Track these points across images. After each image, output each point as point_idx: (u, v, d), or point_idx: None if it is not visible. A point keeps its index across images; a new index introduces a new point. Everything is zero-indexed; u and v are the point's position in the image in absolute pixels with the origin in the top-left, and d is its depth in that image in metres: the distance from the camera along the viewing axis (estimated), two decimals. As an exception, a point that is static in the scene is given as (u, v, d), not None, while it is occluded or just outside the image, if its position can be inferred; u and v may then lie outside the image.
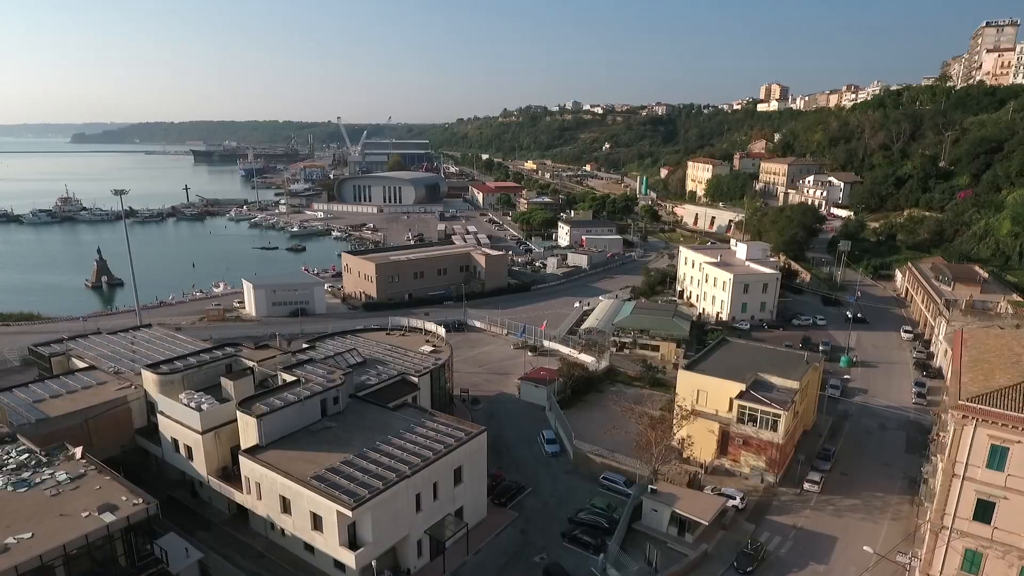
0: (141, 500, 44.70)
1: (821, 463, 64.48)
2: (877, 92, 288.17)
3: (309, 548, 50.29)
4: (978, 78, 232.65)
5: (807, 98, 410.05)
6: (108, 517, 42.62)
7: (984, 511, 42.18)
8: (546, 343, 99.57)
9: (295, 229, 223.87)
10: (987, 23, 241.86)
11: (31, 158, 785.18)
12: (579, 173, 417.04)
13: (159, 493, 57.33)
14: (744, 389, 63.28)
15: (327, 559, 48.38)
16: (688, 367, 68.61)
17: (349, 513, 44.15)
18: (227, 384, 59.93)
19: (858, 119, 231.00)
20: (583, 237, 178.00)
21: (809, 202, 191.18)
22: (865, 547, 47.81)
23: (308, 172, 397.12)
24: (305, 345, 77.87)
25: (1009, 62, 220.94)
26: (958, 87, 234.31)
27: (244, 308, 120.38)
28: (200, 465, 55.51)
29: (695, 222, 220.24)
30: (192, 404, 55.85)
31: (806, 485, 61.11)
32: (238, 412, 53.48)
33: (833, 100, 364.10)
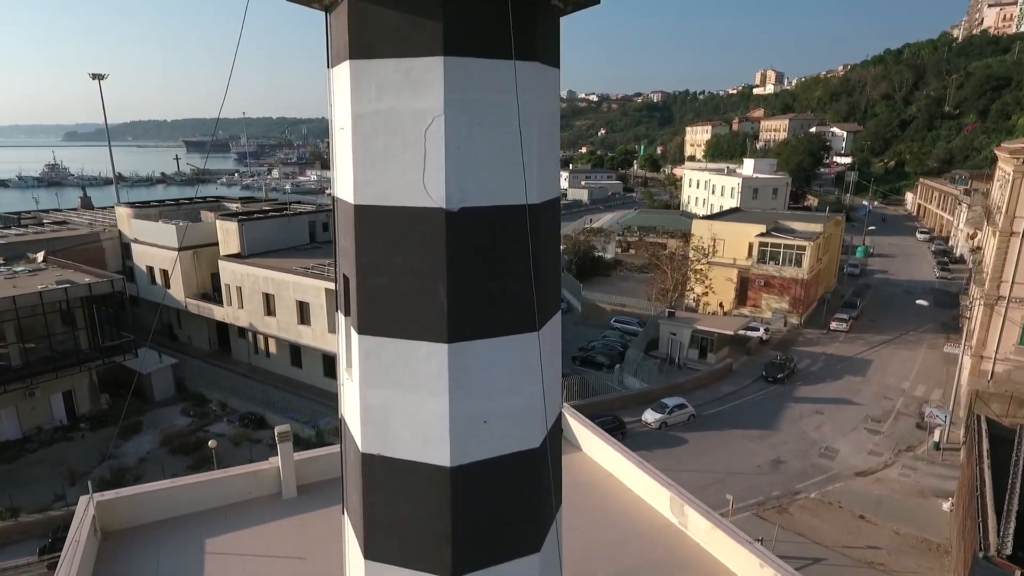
0: (106, 278, 40.22)
1: (848, 309, 60.28)
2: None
3: (297, 362, 45.90)
4: (979, 32, 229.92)
5: (803, 80, 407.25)
6: (66, 285, 38.07)
7: (1046, 270, 38.03)
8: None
9: (288, 187, 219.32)
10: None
11: (24, 151, 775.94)
12: (574, 156, 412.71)
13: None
14: (766, 230, 59.23)
15: (315, 365, 43.92)
16: (703, 219, 64.62)
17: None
18: (208, 215, 55.52)
19: (859, 75, 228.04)
20: (582, 182, 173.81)
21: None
22: (919, 300, 43.62)
23: (302, 152, 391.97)
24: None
25: (1012, 15, 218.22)
26: (960, 41, 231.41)
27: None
28: (177, 289, 50.82)
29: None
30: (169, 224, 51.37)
31: (833, 325, 56.86)
32: (218, 221, 49.04)
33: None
